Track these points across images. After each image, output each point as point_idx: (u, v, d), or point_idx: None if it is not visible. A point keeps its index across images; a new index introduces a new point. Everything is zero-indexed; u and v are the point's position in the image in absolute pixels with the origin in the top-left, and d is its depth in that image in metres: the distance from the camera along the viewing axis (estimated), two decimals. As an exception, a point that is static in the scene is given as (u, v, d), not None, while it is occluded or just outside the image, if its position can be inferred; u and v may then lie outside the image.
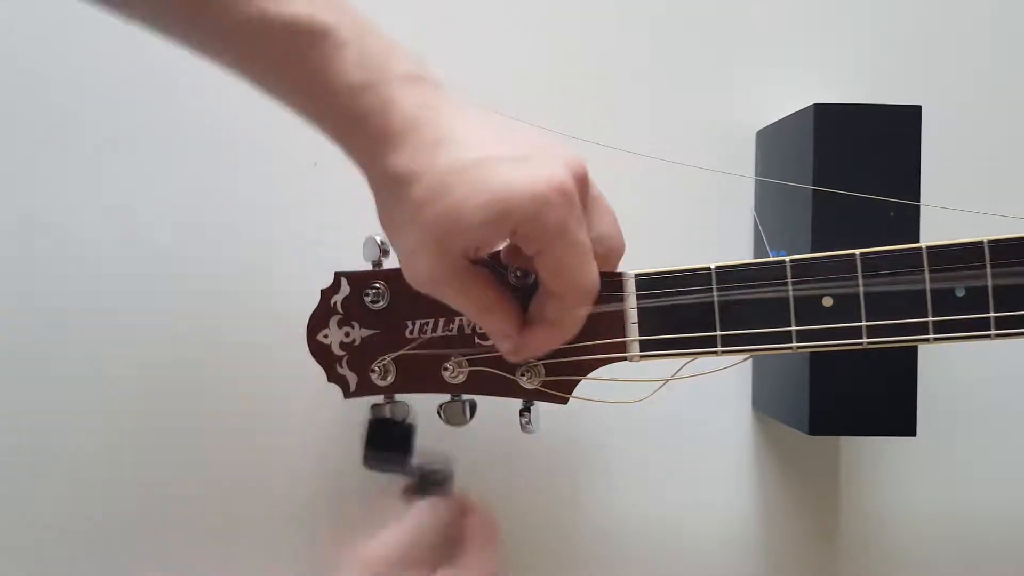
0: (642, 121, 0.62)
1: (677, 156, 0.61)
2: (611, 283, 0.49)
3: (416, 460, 0.52)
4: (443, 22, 0.62)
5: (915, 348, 0.56)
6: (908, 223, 0.56)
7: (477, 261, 0.45)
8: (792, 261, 0.47)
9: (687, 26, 0.62)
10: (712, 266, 0.48)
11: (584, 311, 0.46)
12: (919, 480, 0.64)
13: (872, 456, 0.64)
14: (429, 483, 0.51)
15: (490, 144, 0.42)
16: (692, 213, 0.63)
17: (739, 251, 0.62)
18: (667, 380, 0.50)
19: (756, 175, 0.63)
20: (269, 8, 0.40)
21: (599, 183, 0.47)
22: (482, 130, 0.42)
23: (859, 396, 0.57)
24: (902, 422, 0.56)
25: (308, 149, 0.61)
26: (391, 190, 0.43)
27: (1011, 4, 0.62)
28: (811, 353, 0.56)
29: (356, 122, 0.42)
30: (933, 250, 0.46)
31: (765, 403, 0.63)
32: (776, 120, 0.61)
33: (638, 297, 0.49)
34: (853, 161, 0.56)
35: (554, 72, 0.62)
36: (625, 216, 0.49)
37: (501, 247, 0.48)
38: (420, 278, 0.44)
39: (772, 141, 0.62)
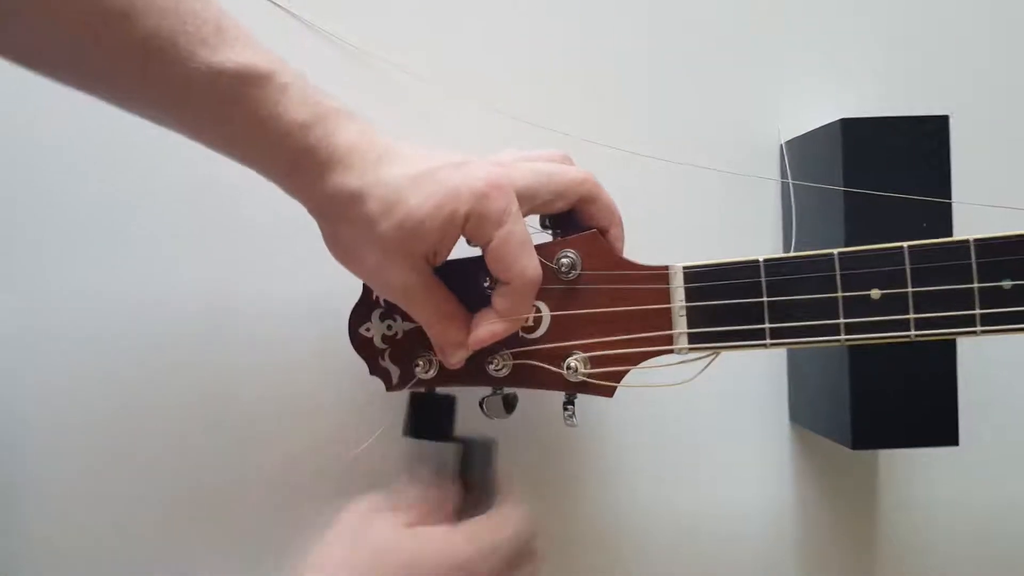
0: (667, 132, 0.63)
1: (702, 169, 0.62)
2: (658, 275, 0.49)
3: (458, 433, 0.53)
4: (482, 28, 0.63)
5: (954, 356, 0.56)
6: (941, 234, 0.56)
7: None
8: (840, 254, 0.47)
9: (713, 39, 0.63)
10: (760, 258, 0.48)
11: (529, 301, 0.49)
12: (960, 489, 0.63)
13: (911, 466, 0.63)
14: (474, 453, 0.52)
15: (426, 157, 0.47)
16: (717, 223, 0.63)
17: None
18: (713, 358, 0.49)
19: (783, 189, 0.63)
20: (214, 59, 0.42)
21: (624, 188, 0.51)
22: (415, 148, 0.47)
23: (899, 408, 0.56)
24: (944, 432, 0.56)
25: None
26: (341, 212, 0.46)
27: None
28: (851, 365, 0.56)
29: (303, 155, 0.45)
30: (980, 243, 0.46)
31: (803, 416, 0.63)
32: (803, 133, 0.61)
33: (686, 290, 0.49)
34: (883, 174, 0.56)
35: (586, 83, 0.63)
36: (652, 225, 0.51)
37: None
38: (393, 288, 0.48)
39: (799, 154, 0.62)
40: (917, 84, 0.62)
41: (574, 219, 0.51)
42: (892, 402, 0.56)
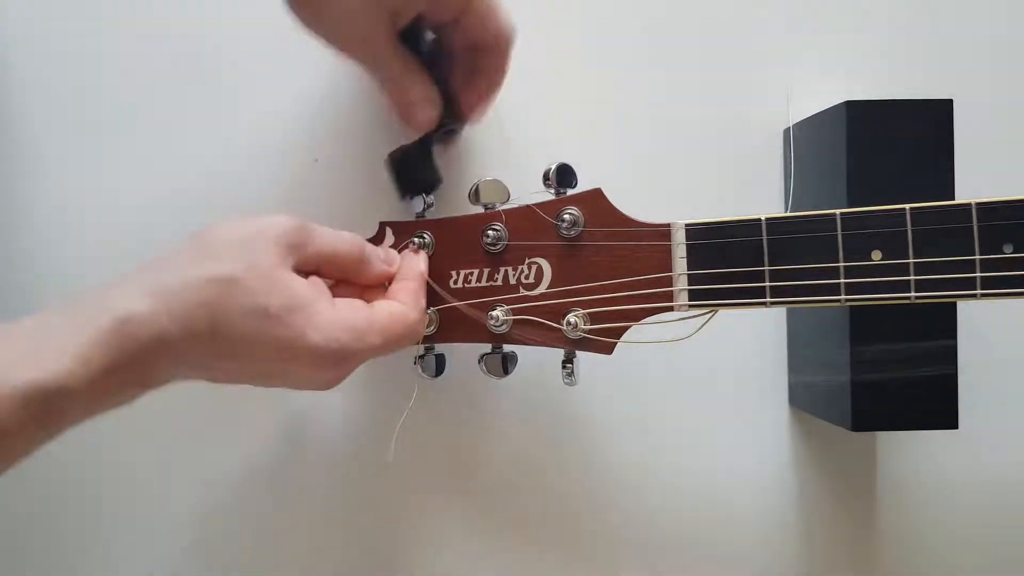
0: (670, 116, 0.63)
1: (705, 150, 0.62)
2: (660, 232, 0.49)
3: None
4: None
5: (954, 339, 0.56)
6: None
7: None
8: (843, 214, 0.47)
9: (719, 21, 0.63)
10: (763, 217, 0.48)
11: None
12: (959, 472, 0.63)
13: (910, 448, 0.63)
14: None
15: None
16: (720, 208, 0.63)
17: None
18: (711, 315, 0.49)
19: (786, 172, 0.63)
20: None
21: (628, 181, 0.52)
22: None
23: (899, 390, 0.56)
24: (944, 415, 0.56)
25: (308, 145, 0.62)
26: None
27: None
28: (851, 348, 0.56)
29: None
30: (982, 206, 0.46)
31: (803, 400, 0.62)
32: (806, 117, 0.62)
33: (687, 247, 0.49)
34: (886, 157, 0.57)
35: (587, 67, 0.63)
36: (656, 212, 0.50)
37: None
38: (356, 40, 0.50)
39: (803, 138, 0.62)
40: (922, 68, 0.63)
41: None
42: (892, 385, 0.56)
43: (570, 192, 0.51)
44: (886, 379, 0.56)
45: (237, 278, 0.42)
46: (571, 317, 0.50)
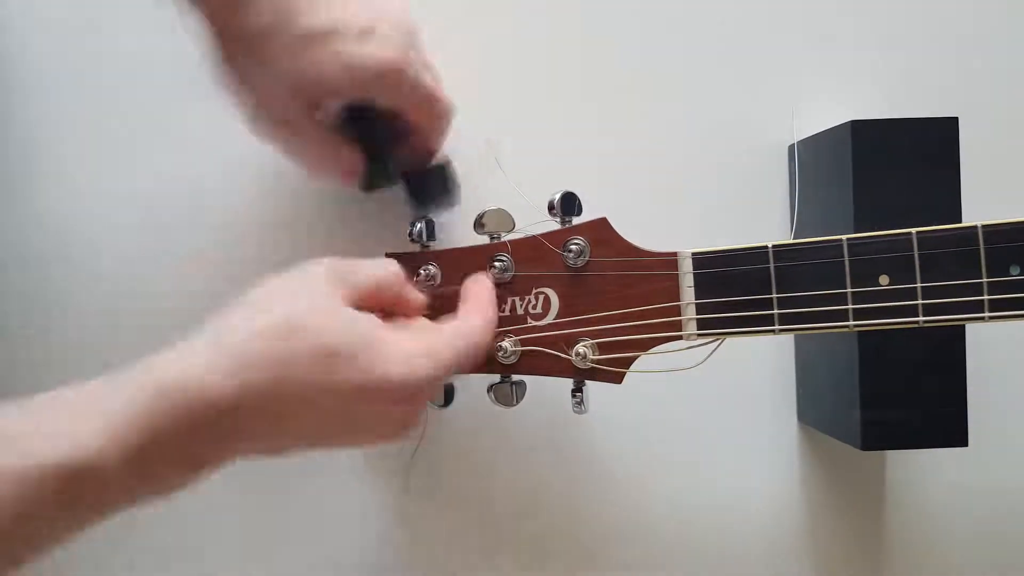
0: (676, 132, 0.63)
1: (712, 167, 0.62)
2: (667, 261, 0.49)
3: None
4: (478, 31, 0.63)
5: (964, 356, 0.56)
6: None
7: None
8: (849, 240, 0.47)
9: (725, 41, 0.63)
10: (769, 244, 0.48)
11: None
12: (969, 490, 0.63)
13: (920, 466, 0.63)
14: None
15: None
16: (725, 225, 0.63)
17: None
18: (720, 342, 0.49)
19: (791, 189, 0.63)
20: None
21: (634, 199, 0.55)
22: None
23: (909, 409, 0.56)
24: (953, 433, 0.56)
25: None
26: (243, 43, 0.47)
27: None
28: (861, 365, 0.56)
29: None
30: (988, 229, 0.46)
31: (812, 417, 0.62)
32: (812, 134, 0.62)
33: (694, 276, 0.49)
34: (892, 175, 0.57)
35: (591, 82, 0.63)
36: (660, 231, 0.51)
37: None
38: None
39: (808, 155, 0.62)
40: (927, 86, 0.63)
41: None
42: (901, 403, 0.56)
43: (575, 220, 0.51)
44: (895, 397, 0.55)
45: (295, 322, 0.39)
46: (580, 347, 0.50)
